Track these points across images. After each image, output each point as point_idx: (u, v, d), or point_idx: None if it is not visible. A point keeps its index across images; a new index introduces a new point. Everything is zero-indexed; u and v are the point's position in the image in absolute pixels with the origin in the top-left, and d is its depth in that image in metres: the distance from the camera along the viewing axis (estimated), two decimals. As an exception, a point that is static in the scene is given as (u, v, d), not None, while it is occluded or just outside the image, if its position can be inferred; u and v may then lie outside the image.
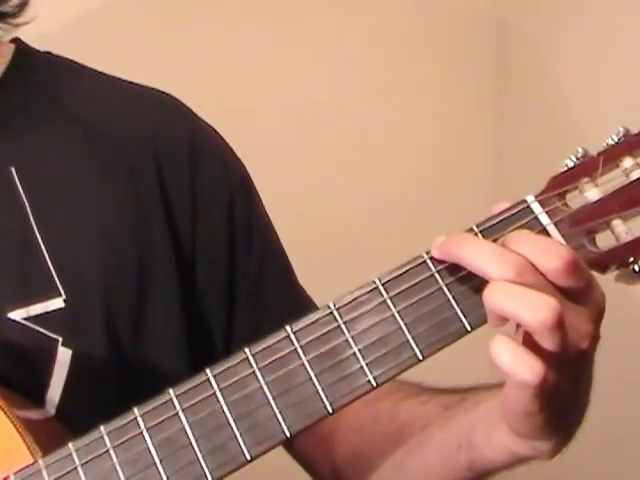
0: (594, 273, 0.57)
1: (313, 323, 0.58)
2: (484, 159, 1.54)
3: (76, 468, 0.59)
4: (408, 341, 0.57)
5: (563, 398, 0.56)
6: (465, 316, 0.57)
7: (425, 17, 1.50)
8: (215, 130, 0.85)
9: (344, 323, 0.58)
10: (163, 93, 0.85)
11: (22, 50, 0.83)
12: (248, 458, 0.57)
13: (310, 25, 1.43)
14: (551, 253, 0.54)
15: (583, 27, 1.36)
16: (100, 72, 0.85)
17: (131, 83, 0.85)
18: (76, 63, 0.85)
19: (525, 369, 0.53)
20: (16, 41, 0.84)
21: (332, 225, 1.41)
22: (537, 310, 0.52)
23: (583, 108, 1.35)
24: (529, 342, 0.54)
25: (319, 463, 0.81)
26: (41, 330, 0.72)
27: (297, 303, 0.83)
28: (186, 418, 0.58)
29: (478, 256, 0.55)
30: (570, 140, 1.26)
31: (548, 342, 0.53)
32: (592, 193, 0.58)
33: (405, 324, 0.57)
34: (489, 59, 1.53)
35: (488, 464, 0.64)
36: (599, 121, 1.09)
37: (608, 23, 1.30)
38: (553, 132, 1.39)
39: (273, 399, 0.57)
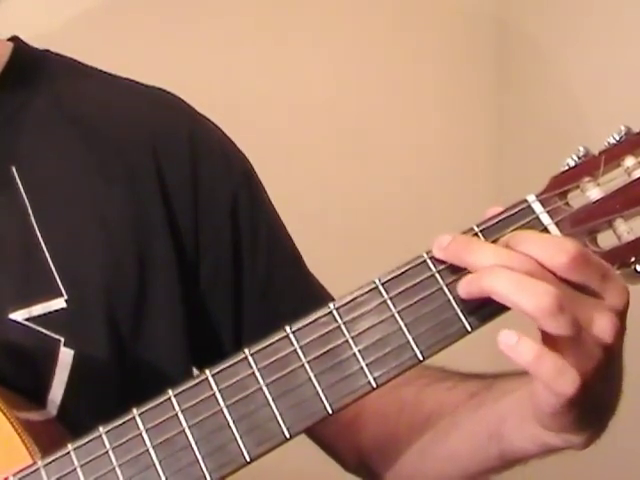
0: None
1: (313, 323, 0.58)
2: (484, 159, 1.54)
3: (75, 469, 0.59)
4: (408, 342, 0.57)
5: (593, 394, 0.56)
6: (466, 317, 0.57)
7: (425, 16, 1.50)
8: (216, 125, 0.85)
9: (344, 323, 0.58)
10: (163, 91, 0.85)
11: (20, 49, 0.83)
12: (248, 460, 0.57)
13: (310, 25, 1.43)
14: (556, 249, 0.54)
15: (583, 25, 1.36)
16: (99, 70, 0.85)
17: (131, 81, 0.85)
18: (75, 61, 0.85)
19: (566, 381, 0.53)
20: (14, 40, 0.84)
21: (331, 225, 1.41)
22: (539, 296, 0.52)
23: (583, 107, 1.35)
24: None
25: (344, 449, 0.81)
26: (43, 331, 0.72)
27: (310, 295, 0.82)
28: (185, 419, 0.58)
29: (485, 260, 0.55)
30: (571, 139, 1.26)
31: (552, 329, 0.53)
32: (594, 192, 0.58)
33: (405, 324, 0.57)
34: (489, 58, 1.53)
35: (520, 453, 0.64)
36: (600, 120, 1.08)
37: (609, 21, 1.30)
38: (553, 131, 1.39)
39: (273, 400, 0.57)
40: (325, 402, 0.57)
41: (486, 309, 0.56)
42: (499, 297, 0.54)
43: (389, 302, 0.57)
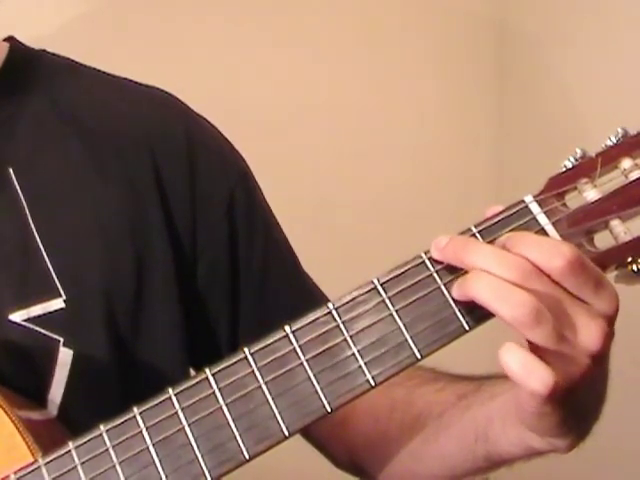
0: None
1: (312, 323, 0.58)
2: (484, 158, 1.54)
3: (76, 467, 0.59)
4: (406, 341, 0.57)
5: (578, 398, 0.56)
6: (463, 316, 0.57)
7: (425, 16, 1.50)
8: (212, 125, 0.85)
9: (343, 323, 0.58)
10: (160, 90, 0.85)
11: (17, 49, 0.83)
12: (247, 457, 0.58)
13: (310, 25, 1.43)
14: (553, 253, 0.55)
15: (583, 26, 1.36)
16: (96, 69, 0.84)
17: (127, 80, 0.85)
18: (71, 61, 0.84)
19: (535, 379, 0.53)
20: (10, 40, 0.83)
21: (331, 224, 1.42)
22: (514, 307, 0.53)
23: (583, 107, 1.35)
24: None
25: (335, 447, 0.81)
26: (42, 331, 0.72)
27: (305, 295, 0.83)
28: (185, 417, 0.58)
29: (483, 260, 0.55)
30: (570, 140, 1.26)
31: (530, 338, 0.54)
32: (591, 193, 0.58)
33: (404, 324, 0.57)
34: (489, 58, 1.53)
35: (505, 456, 0.65)
36: (600, 120, 1.09)
37: (608, 22, 1.30)
38: (553, 132, 1.39)
39: (272, 398, 0.58)
40: (324, 400, 0.57)
41: (484, 309, 0.56)
42: (481, 303, 0.55)
43: (387, 301, 0.57)
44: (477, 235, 0.58)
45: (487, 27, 1.53)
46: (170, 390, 0.59)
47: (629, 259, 0.57)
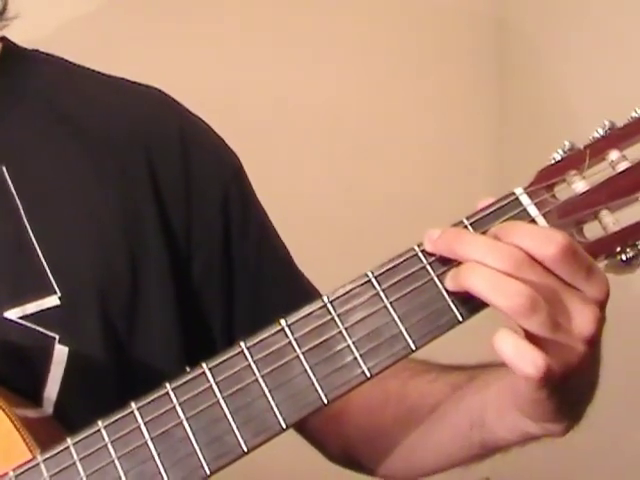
0: None
1: (307, 316, 0.59)
2: (484, 158, 1.55)
3: (74, 463, 0.60)
4: (401, 332, 0.58)
5: (572, 384, 0.57)
6: (457, 307, 0.58)
7: (425, 15, 1.51)
8: (206, 124, 0.85)
9: (338, 315, 0.58)
10: (154, 89, 0.85)
11: (9, 48, 0.83)
12: (245, 450, 0.58)
13: (310, 25, 1.43)
14: (545, 240, 0.55)
15: (582, 24, 1.37)
16: (88, 68, 0.85)
17: (121, 79, 0.85)
18: (64, 60, 0.85)
19: (528, 363, 0.54)
20: (3, 40, 0.83)
21: (331, 221, 1.42)
22: (510, 297, 0.54)
23: (583, 105, 1.36)
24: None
25: (329, 440, 0.82)
26: (37, 328, 0.72)
27: (299, 291, 0.83)
28: (183, 412, 0.59)
29: (476, 251, 0.56)
30: (570, 137, 1.27)
31: (526, 327, 0.54)
32: (579, 185, 0.59)
33: (398, 316, 0.58)
34: (489, 57, 1.54)
35: (501, 442, 0.66)
36: (599, 117, 1.09)
37: (607, 20, 1.31)
38: (553, 129, 1.39)
39: (269, 391, 0.58)
40: (320, 392, 0.58)
41: (477, 299, 0.56)
42: (476, 294, 0.55)
43: (382, 294, 0.58)
44: (469, 227, 0.59)
45: (487, 26, 1.54)
46: (167, 385, 0.59)
47: (618, 249, 0.58)
